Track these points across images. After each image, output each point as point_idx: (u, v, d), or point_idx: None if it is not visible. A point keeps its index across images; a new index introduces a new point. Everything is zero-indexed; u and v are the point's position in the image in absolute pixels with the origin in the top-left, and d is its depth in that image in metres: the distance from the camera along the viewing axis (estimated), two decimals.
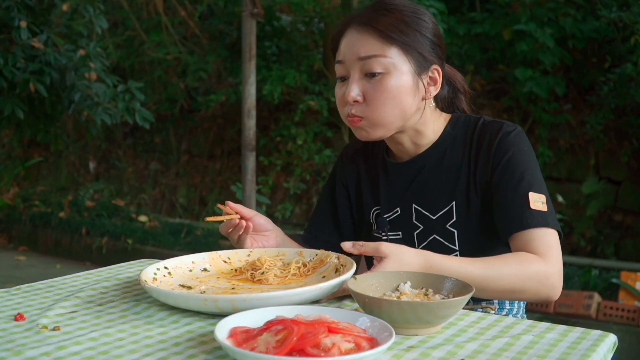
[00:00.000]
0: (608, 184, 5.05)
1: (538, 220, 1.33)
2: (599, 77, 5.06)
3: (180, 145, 7.12)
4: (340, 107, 1.44)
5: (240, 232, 1.47)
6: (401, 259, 1.24)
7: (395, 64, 1.38)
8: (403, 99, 1.39)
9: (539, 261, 1.30)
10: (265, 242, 1.52)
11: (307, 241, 1.65)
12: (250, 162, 4.13)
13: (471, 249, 1.41)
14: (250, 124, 4.10)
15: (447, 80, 1.52)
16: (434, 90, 1.44)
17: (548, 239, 1.33)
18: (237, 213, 1.47)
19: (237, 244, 1.50)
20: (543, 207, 1.35)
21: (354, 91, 1.39)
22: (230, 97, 6.30)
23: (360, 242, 1.26)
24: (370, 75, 1.38)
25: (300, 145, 5.97)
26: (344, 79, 1.42)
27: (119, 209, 6.47)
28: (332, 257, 1.38)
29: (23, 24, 4.16)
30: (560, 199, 5.10)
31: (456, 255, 1.45)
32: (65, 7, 4.45)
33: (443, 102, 1.53)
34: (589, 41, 5.17)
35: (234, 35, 6.65)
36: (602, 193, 5.00)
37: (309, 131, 5.94)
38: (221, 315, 1.11)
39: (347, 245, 1.26)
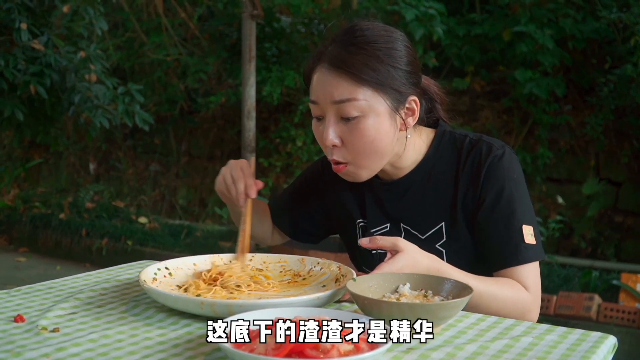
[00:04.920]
0: (608, 185, 5.05)
1: (531, 255, 1.37)
2: (599, 78, 5.06)
3: (180, 146, 7.11)
4: (321, 146, 1.41)
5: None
6: (414, 257, 1.26)
7: (371, 105, 1.33)
8: (382, 140, 1.35)
9: (527, 294, 1.37)
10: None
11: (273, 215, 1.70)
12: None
13: (459, 267, 1.40)
14: (250, 125, 4.10)
15: (423, 93, 1.46)
16: (412, 121, 1.40)
17: (535, 274, 1.39)
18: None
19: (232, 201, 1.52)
20: (532, 240, 1.38)
21: (331, 135, 1.35)
22: (230, 98, 6.29)
23: (378, 237, 1.28)
24: (345, 119, 1.34)
25: (299, 147, 5.96)
26: (320, 118, 1.39)
27: (119, 210, 6.46)
28: (333, 267, 1.38)
29: (23, 25, 4.16)
30: (560, 200, 5.10)
31: None
32: (65, 9, 4.44)
33: (421, 118, 1.48)
34: (589, 42, 5.17)
35: (233, 37, 6.64)
36: (602, 194, 4.99)
37: (309, 132, 5.93)
38: (220, 318, 1.11)
39: (363, 241, 1.28)
